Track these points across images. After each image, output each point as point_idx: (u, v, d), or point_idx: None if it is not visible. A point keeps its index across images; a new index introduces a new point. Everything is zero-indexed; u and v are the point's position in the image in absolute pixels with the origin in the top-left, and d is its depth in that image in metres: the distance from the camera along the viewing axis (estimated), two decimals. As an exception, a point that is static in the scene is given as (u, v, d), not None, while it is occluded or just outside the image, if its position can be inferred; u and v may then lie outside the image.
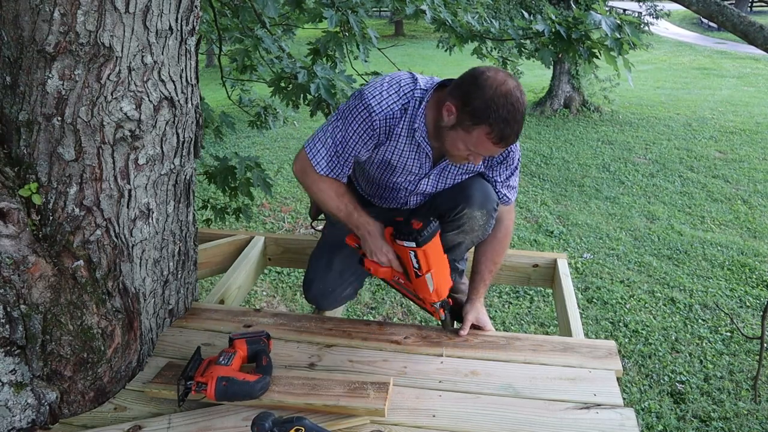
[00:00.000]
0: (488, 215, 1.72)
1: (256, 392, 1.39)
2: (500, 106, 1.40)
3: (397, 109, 1.55)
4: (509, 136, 1.44)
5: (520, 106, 1.42)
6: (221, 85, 3.76)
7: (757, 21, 2.48)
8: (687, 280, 4.64)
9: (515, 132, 1.44)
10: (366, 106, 1.54)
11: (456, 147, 1.51)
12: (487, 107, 1.40)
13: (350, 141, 1.57)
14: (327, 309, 1.94)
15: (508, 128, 1.42)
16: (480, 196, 1.69)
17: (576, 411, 1.42)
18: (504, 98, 1.40)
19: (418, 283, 1.61)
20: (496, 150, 1.49)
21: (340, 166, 1.60)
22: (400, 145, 1.62)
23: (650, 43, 11.17)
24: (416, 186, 1.74)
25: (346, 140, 1.57)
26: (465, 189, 1.70)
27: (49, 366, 1.36)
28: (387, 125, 1.57)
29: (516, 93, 1.42)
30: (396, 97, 1.55)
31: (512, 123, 1.42)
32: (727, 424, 3.09)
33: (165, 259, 1.64)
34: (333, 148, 1.58)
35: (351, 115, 1.56)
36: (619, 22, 2.43)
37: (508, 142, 1.45)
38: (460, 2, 2.97)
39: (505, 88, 1.41)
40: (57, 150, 1.32)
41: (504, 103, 1.40)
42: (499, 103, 1.40)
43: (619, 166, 7.53)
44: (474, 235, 1.76)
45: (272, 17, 2.96)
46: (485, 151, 1.49)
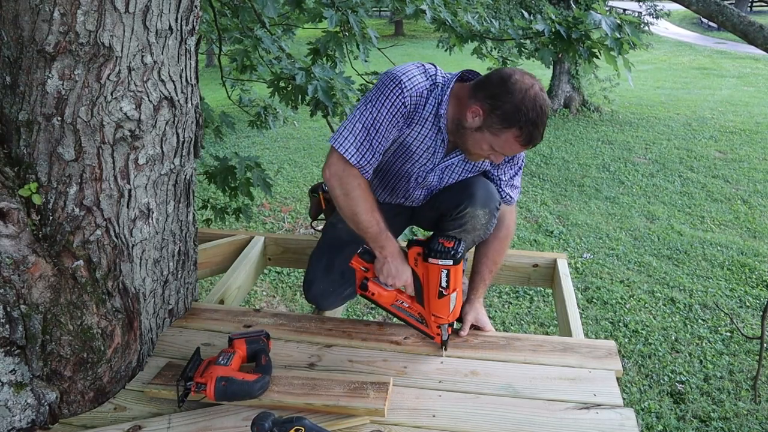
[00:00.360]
0: (490, 214, 1.72)
1: (255, 392, 1.39)
2: (530, 110, 1.44)
3: (425, 88, 1.55)
4: (536, 138, 1.49)
5: (546, 109, 1.48)
6: (221, 85, 3.77)
7: (757, 21, 2.48)
8: (687, 280, 4.64)
9: (542, 134, 1.49)
10: (398, 82, 1.51)
11: (480, 147, 1.55)
12: (518, 111, 1.44)
13: (383, 121, 1.53)
14: (327, 309, 1.94)
15: (537, 131, 1.47)
16: (483, 195, 1.70)
17: (576, 411, 1.42)
18: (533, 102, 1.45)
19: (438, 303, 1.58)
20: (521, 151, 1.55)
21: (371, 152, 1.54)
22: (424, 129, 1.61)
23: (650, 43, 11.19)
24: (425, 178, 1.74)
25: (379, 122, 1.52)
26: (468, 187, 1.71)
27: (49, 366, 1.36)
28: (415, 104, 1.55)
29: (542, 96, 1.47)
30: (423, 78, 1.56)
31: (540, 126, 1.47)
32: (726, 424, 3.09)
33: (165, 259, 1.64)
34: (363, 132, 1.53)
35: (382, 94, 1.52)
36: (619, 22, 2.44)
37: (534, 143, 1.51)
38: (460, 2, 2.97)
39: (533, 92, 1.46)
40: (57, 150, 1.32)
41: (533, 106, 1.44)
42: (529, 107, 1.44)
43: (619, 166, 7.53)
44: (475, 234, 1.76)
45: (272, 17, 2.96)
46: (511, 152, 1.55)
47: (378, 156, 1.57)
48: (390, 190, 1.82)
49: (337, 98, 2.58)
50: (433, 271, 1.56)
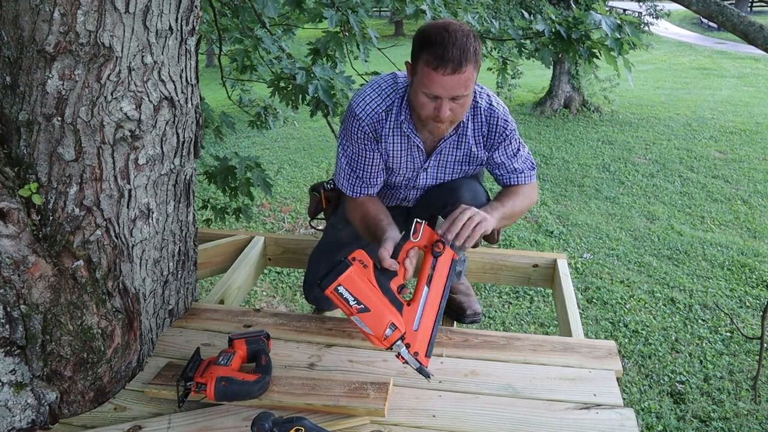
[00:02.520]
0: None
1: (255, 392, 1.39)
2: (432, 34, 1.41)
3: (381, 110, 1.62)
4: (448, 60, 1.38)
5: (457, 34, 1.39)
6: (221, 85, 3.77)
7: (757, 21, 2.48)
8: (687, 280, 4.64)
9: (455, 56, 1.38)
10: (354, 115, 1.63)
11: (419, 102, 1.49)
12: (422, 38, 1.43)
13: (357, 152, 1.66)
14: (327, 309, 1.94)
15: (445, 51, 1.38)
16: (469, 196, 1.70)
17: (576, 411, 1.42)
18: (436, 27, 1.42)
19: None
20: (443, 80, 1.40)
21: (360, 180, 1.69)
22: (390, 143, 1.66)
23: (650, 43, 11.19)
24: (415, 181, 1.76)
25: (354, 153, 1.67)
26: (455, 190, 1.72)
27: (49, 366, 1.36)
28: (374, 128, 1.63)
29: (455, 24, 1.43)
30: (379, 100, 1.62)
31: (449, 46, 1.38)
32: (727, 425, 3.09)
33: (165, 259, 1.64)
34: (348, 166, 1.69)
35: (346, 130, 1.66)
36: (619, 22, 2.44)
37: (448, 67, 1.39)
38: (460, 2, 2.97)
39: (442, 22, 1.44)
40: (57, 150, 1.32)
41: (437, 30, 1.41)
42: (431, 31, 1.42)
43: (619, 166, 7.53)
44: None
45: (272, 17, 2.96)
46: (434, 84, 1.42)
47: (371, 178, 1.70)
48: (385, 196, 1.86)
49: (337, 98, 2.59)
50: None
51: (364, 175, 1.69)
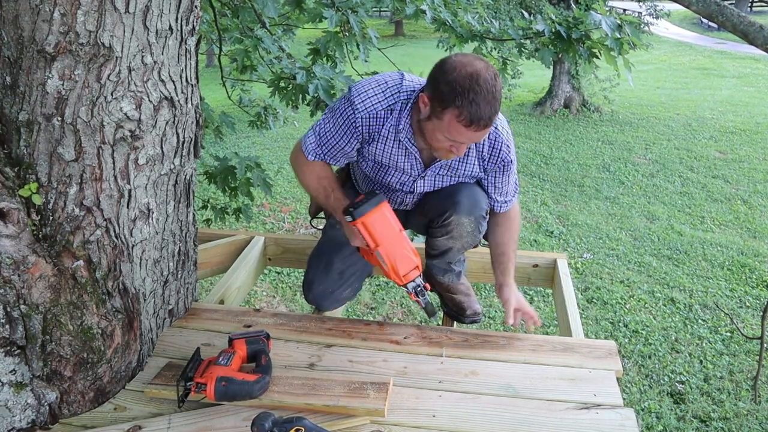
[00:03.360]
0: (476, 222, 1.70)
1: (255, 392, 1.39)
2: (466, 88, 1.35)
3: (381, 109, 1.56)
4: (480, 118, 1.37)
5: (489, 87, 1.37)
6: (221, 85, 3.76)
7: (757, 21, 2.48)
8: (687, 280, 4.64)
9: (486, 114, 1.37)
10: (351, 103, 1.57)
11: (435, 138, 1.48)
12: (452, 90, 1.36)
13: (334, 135, 1.63)
14: (327, 309, 1.94)
15: (478, 109, 1.36)
16: (468, 203, 1.67)
17: (576, 411, 1.42)
18: (469, 79, 1.36)
19: (376, 261, 1.55)
20: (470, 134, 1.42)
21: (324, 155, 1.66)
22: (387, 147, 1.63)
23: (650, 43, 11.17)
24: (412, 187, 1.74)
25: (330, 134, 1.63)
26: (453, 195, 1.69)
27: (49, 366, 1.36)
28: (369, 125, 1.59)
29: (484, 74, 1.37)
30: (381, 97, 1.56)
31: (482, 103, 1.36)
32: (727, 425, 3.09)
33: (165, 259, 1.64)
34: (319, 139, 1.65)
35: (337, 111, 1.61)
36: (619, 22, 2.43)
37: (479, 124, 1.39)
38: (460, 2, 2.97)
39: (471, 69, 1.37)
40: (57, 150, 1.32)
41: (470, 84, 1.36)
42: (465, 85, 1.36)
43: (619, 166, 7.53)
44: (463, 241, 1.75)
45: (272, 17, 2.96)
46: (461, 137, 1.43)
47: (335, 156, 1.67)
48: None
49: (337, 97, 2.58)
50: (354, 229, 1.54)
51: (329, 153, 1.66)
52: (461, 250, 1.83)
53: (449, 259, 1.85)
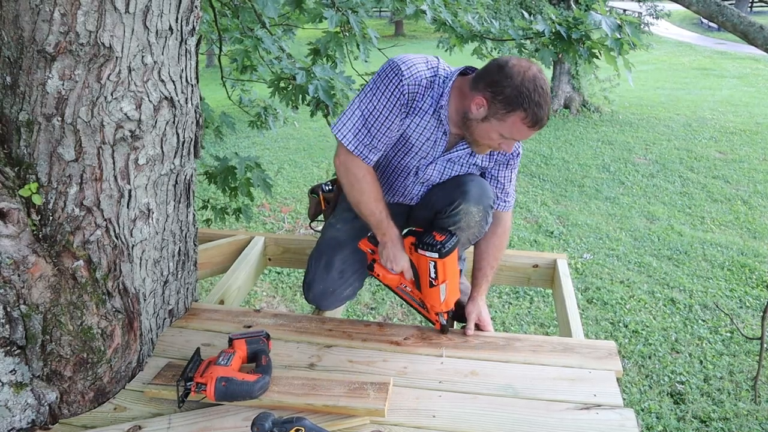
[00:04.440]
0: (484, 211, 1.72)
1: (255, 392, 1.39)
2: (531, 91, 1.46)
3: (424, 77, 1.55)
4: (542, 118, 1.50)
5: (547, 89, 1.50)
6: (221, 85, 3.77)
7: (757, 21, 2.48)
8: (687, 281, 4.64)
9: (546, 114, 1.50)
10: (397, 71, 1.52)
11: (489, 137, 1.56)
12: (519, 93, 1.46)
13: (382, 111, 1.54)
14: (327, 309, 1.94)
15: (541, 110, 1.48)
16: (477, 192, 1.70)
17: (576, 411, 1.42)
18: (533, 83, 1.46)
19: (430, 292, 1.67)
20: (530, 134, 1.54)
21: (369, 139, 1.57)
22: (423, 120, 1.61)
23: (650, 43, 11.19)
24: (425, 171, 1.74)
25: (378, 110, 1.55)
26: (462, 185, 1.71)
27: (49, 366, 1.36)
28: (414, 93, 1.55)
29: (541, 77, 1.49)
30: (425, 66, 1.57)
31: (544, 105, 1.48)
32: (727, 425, 3.09)
33: (165, 259, 1.64)
34: (365, 120, 1.56)
35: (382, 83, 1.54)
36: (620, 23, 2.43)
37: (541, 124, 1.51)
38: (460, 2, 2.97)
39: (531, 73, 1.48)
40: (57, 150, 1.32)
41: (534, 87, 1.46)
42: (530, 88, 1.46)
43: (619, 166, 7.53)
44: (470, 232, 1.75)
45: (272, 17, 2.96)
46: (520, 136, 1.54)
47: (380, 144, 1.59)
48: (388, 187, 1.82)
49: (337, 98, 2.58)
50: (422, 261, 1.64)
51: (376, 136, 1.57)
52: (466, 244, 1.83)
53: None
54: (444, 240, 1.60)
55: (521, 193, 6.61)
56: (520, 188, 6.81)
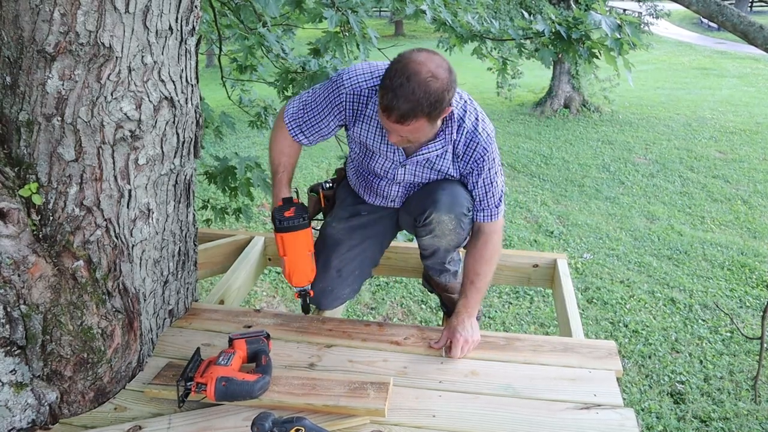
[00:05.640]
0: (457, 219, 1.68)
1: (255, 392, 1.39)
2: (394, 75, 1.37)
3: (366, 87, 1.60)
4: (392, 108, 1.38)
5: (416, 85, 1.35)
6: (221, 85, 3.77)
7: (757, 21, 2.48)
8: (687, 281, 4.64)
9: (401, 108, 1.37)
10: (339, 79, 1.62)
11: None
12: (386, 75, 1.40)
13: (317, 106, 1.67)
14: (327, 308, 1.94)
15: (394, 100, 1.36)
16: (447, 201, 1.66)
17: (576, 411, 1.42)
18: (403, 70, 1.37)
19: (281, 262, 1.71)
20: (390, 124, 1.44)
21: (302, 123, 1.70)
22: (372, 126, 1.65)
23: (650, 43, 11.18)
24: (394, 175, 1.74)
25: (314, 104, 1.67)
26: (432, 193, 1.68)
27: (49, 366, 1.36)
28: (353, 101, 1.62)
29: (423, 74, 1.36)
30: (369, 77, 1.60)
31: (399, 95, 1.36)
32: (727, 425, 3.09)
33: (165, 259, 1.64)
34: (303, 106, 1.70)
35: (326, 84, 1.67)
36: (619, 22, 2.43)
37: (389, 112, 1.39)
38: (460, 2, 2.97)
39: (414, 66, 1.37)
40: (57, 150, 1.32)
41: (400, 74, 1.36)
42: (394, 72, 1.38)
43: (619, 166, 7.54)
44: (448, 239, 1.73)
45: (273, 17, 2.95)
46: (383, 120, 1.45)
47: (309, 131, 1.70)
48: (370, 189, 1.85)
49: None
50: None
51: (306, 123, 1.70)
52: (449, 250, 1.81)
53: (441, 259, 1.86)
54: (290, 216, 1.63)
55: (521, 193, 6.61)
56: (520, 188, 6.81)
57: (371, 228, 1.89)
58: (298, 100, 1.72)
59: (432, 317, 4.10)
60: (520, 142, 8.59)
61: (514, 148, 8.36)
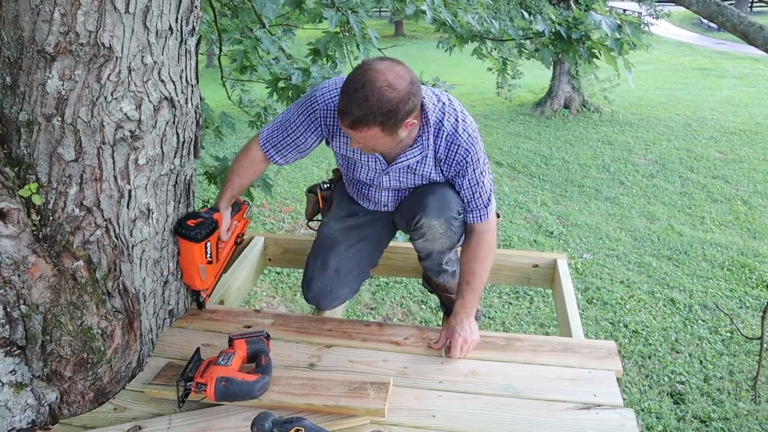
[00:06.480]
0: (447, 223, 1.67)
1: (255, 392, 1.39)
2: (352, 80, 1.39)
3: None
4: (345, 113, 1.39)
5: (369, 92, 1.36)
6: (221, 85, 3.76)
7: (757, 21, 2.48)
8: (687, 281, 4.64)
9: (353, 114, 1.38)
10: (312, 95, 1.64)
11: None
12: (347, 78, 1.42)
13: (293, 123, 1.68)
14: (327, 308, 1.94)
15: (348, 105, 1.38)
16: (436, 206, 1.66)
17: (576, 411, 1.42)
18: (360, 76, 1.38)
19: None
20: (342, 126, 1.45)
21: (277, 143, 1.71)
22: (346, 143, 1.66)
23: (650, 43, 11.17)
24: (380, 183, 1.75)
25: (290, 121, 1.69)
26: (422, 198, 1.68)
27: (49, 366, 1.36)
28: (326, 116, 1.63)
29: (380, 82, 1.36)
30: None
31: (353, 101, 1.37)
32: (727, 425, 3.09)
33: (165, 259, 1.64)
34: (280, 125, 1.71)
35: (301, 101, 1.68)
36: (619, 23, 2.44)
37: (344, 119, 1.40)
38: (460, 2, 2.97)
39: (372, 74, 1.37)
40: (57, 150, 1.32)
41: (357, 80, 1.38)
42: (353, 77, 1.39)
43: (619, 166, 7.53)
44: (440, 242, 1.73)
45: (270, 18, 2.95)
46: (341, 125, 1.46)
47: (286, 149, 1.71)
48: (362, 195, 1.87)
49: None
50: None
51: (283, 141, 1.70)
52: (442, 252, 1.81)
53: (436, 261, 1.86)
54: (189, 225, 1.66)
55: (521, 194, 6.61)
56: (520, 188, 6.81)
57: (368, 228, 1.90)
58: (273, 123, 1.73)
59: (432, 317, 4.10)
60: (520, 143, 8.59)
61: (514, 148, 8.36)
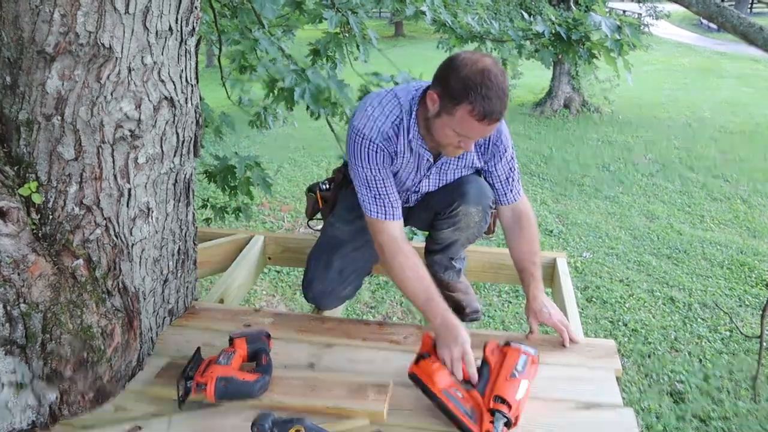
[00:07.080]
0: (483, 212, 1.72)
1: (255, 392, 1.39)
2: (477, 83, 1.39)
3: (388, 128, 1.58)
4: (492, 112, 1.41)
5: (499, 82, 1.40)
6: (221, 85, 3.76)
7: (757, 22, 2.48)
8: (686, 279, 4.64)
9: (498, 108, 1.41)
10: (364, 138, 1.58)
11: (444, 134, 1.50)
12: (465, 85, 1.39)
13: (376, 174, 1.60)
14: (327, 308, 1.94)
15: (490, 104, 1.39)
16: (475, 193, 1.69)
17: (575, 411, 1.42)
18: (480, 74, 1.39)
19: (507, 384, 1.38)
20: (482, 129, 1.45)
21: (384, 198, 1.61)
22: (405, 159, 1.65)
23: (650, 44, 11.18)
24: (418, 187, 1.77)
25: (372, 175, 1.60)
26: (460, 186, 1.71)
27: (49, 366, 1.36)
28: (386, 147, 1.60)
29: (493, 69, 1.41)
30: (383, 117, 1.58)
31: (494, 98, 1.39)
32: (726, 424, 3.10)
33: (165, 258, 1.64)
34: (370, 190, 1.61)
35: (359, 153, 1.59)
36: (619, 24, 2.44)
37: (491, 117, 1.42)
38: (459, 3, 2.97)
39: (481, 65, 1.41)
40: (57, 149, 1.33)
41: (481, 78, 1.39)
42: (476, 80, 1.39)
43: (619, 165, 7.54)
44: (469, 233, 1.76)
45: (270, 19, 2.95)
46: (472, 131, 1.46)
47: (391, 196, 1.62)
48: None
49: (327, 104, 2.57)
50: (512, 354, 1.44)
51: (388, 196, 1.62)
52: (465, 243, 1.83)
53: (452, 254, 1.86)
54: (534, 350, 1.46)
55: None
56: (519, 188, 6.81)
57: None
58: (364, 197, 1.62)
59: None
60: (520, 142, 8.59)
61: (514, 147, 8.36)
